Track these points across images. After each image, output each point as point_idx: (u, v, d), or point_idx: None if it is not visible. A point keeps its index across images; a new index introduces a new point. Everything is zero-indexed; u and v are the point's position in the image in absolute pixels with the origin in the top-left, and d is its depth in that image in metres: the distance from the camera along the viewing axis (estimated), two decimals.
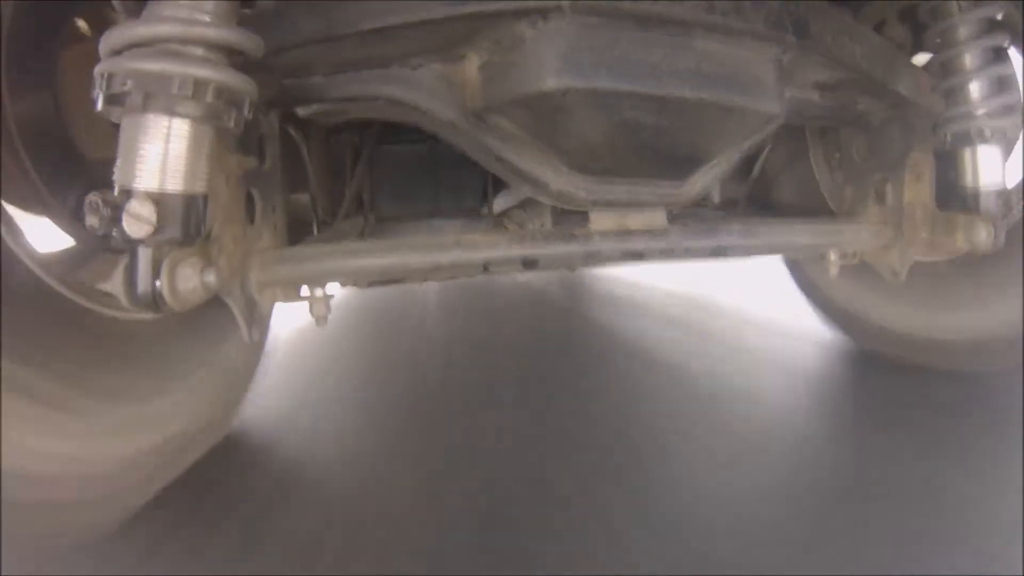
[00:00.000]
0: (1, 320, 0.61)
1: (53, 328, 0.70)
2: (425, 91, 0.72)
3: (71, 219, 0.84)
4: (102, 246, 0.86)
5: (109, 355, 0.77)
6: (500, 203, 1.36)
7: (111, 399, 0.75)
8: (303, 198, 1.23)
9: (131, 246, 0.52)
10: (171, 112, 0.50)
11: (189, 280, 0.54)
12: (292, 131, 1.10)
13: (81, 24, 0.82)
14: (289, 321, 2.13)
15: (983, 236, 0.79)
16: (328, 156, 1.32)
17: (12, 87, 0.77)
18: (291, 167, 1.14)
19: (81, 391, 0.70)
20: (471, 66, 0.70)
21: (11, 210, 0.72)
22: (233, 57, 0.55)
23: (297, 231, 1.20)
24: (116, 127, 0.52)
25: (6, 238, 0.66)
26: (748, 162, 1.32)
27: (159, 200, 0.50)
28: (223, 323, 0.95)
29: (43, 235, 0.80)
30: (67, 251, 0.84)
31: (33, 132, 0.81)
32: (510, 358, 1.61)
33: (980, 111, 0.80)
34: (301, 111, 0.77)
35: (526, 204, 1.28)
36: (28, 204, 0.82)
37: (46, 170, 0.82)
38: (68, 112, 0.84)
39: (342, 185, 1.35)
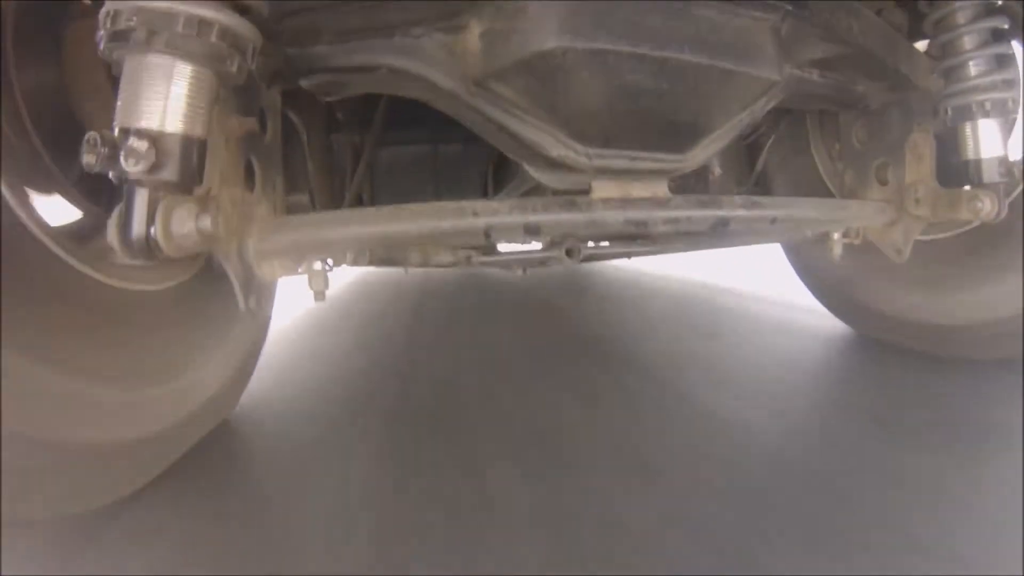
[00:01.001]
0: (7, 292, 0.61)
1: (65, 300, 0.70)
2: (427, 60, 0.73)
3: (78, 193, 0.84)
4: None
5: (119, 326, 0.77)
6: (501, 199, 1.36)
7: (122, 373, 0.75)
8: (303, 198, 1.23)
9: (127, 186, 0.52)
10: (174, 51, 0.50)
11: (184, 224, 0.54)
12: (294, 119, 1.11)
13: (87, 0, 0.83)
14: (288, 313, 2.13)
15: (988, 206, 0.79)
16: (328, 156, 1.33)
17: (19, 62, 0.78)
18: (293, 167, 1.15)
19: (92, 363, 0.70)
20: (473, 34, 0.71)
21: (20, 185, 0.73)
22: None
23: None
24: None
25: (17, 210, 0.67)
26: (750, 158, 1.32)
27: (158, 139, 0.50)
28: (230, 300, 0.94)
29: (52, 208, 0.80)
30: (75, 223, 0.84)
31: (40, 107, 0.82)
32: (511, 351, 1.59)
33: (980, 84, 0.81)
34: (304, 82, 0.77)
35: (529, 196, 1.29)
36: (36, 178, 0.82)
37: (53, 145, 0.82)
38: (75, 88, 0.85)
39: (342, 186, 1.36)
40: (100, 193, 0.87)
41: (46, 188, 0.84)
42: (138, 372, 0.78)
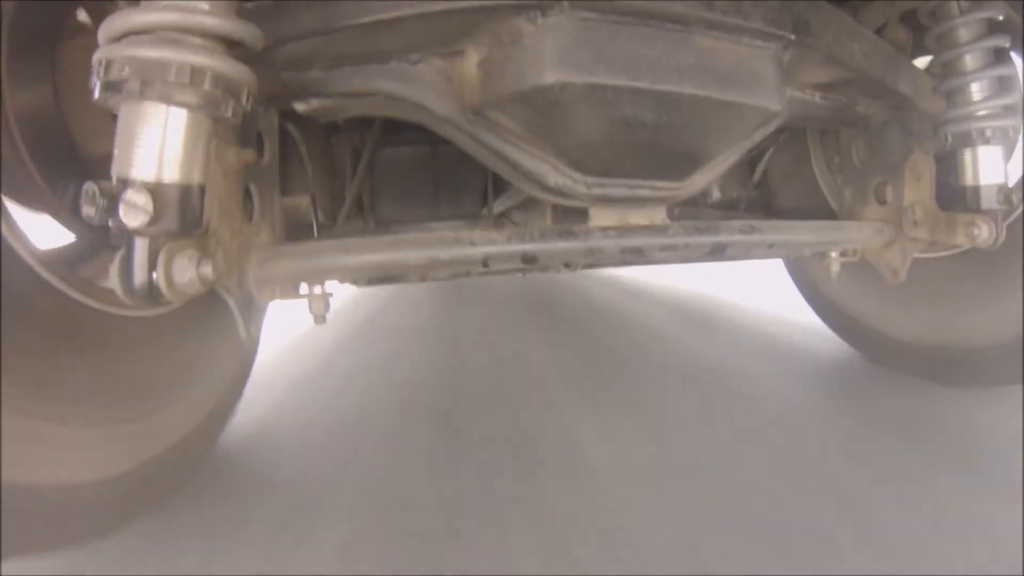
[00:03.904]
0: (1, 318, 0.60)
1: (54, 325, 0.69)
2: (424, 86, 0.72)
3: (70, 215, 0.84)
4: (102, 242, 0.85)
5: (110, 352, 0.76)
6: (500, 205, 1.36)
7: (112, 400, 0.74)
8: (303, 200, 1.22)
9: (127, 236, 0.52)
10: (168, 100, 0.50)
11: (185, 272, 0.54)
12: (292, 130, 1.10)
13: (82, 18, 0.82)
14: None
15: (985, 233, 0.79)
16: (328, 158, 1.32)
17: (12, 81, 0.77)
18: (291, 169, 1.14)
19: (83, 389, 0.70)
20: (470, 61, 0.70)
21: (10, 206, 0.72)
22: (232, 49, 0.55)
23: (297, 234, 1.20)
24: (115, 121, 0.52)
25: (5, 234, 0.66)
26: (750, 166, 1.32)
27: (155, 190, 0.50)
28: (221, 320, 0.94)
29: (42, 231, 0.79)
30: (67, 247, 0.83)
31: (33, 127, 0.80)
32: (520, 354, 1.60)
33: (981, 112, 0.81)
34: (300, 106, 0.77)
35: (526, 205, 1.28)
36: (27, 200, 0.82)
37: (45, 165, 0.81)
38: (68, 107, 0.84)
39: (342, 188, 1.35)
40: None
41: (37, 208, 0.83)
42: (129, 399, 0.77)
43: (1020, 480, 0.79)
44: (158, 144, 0.50)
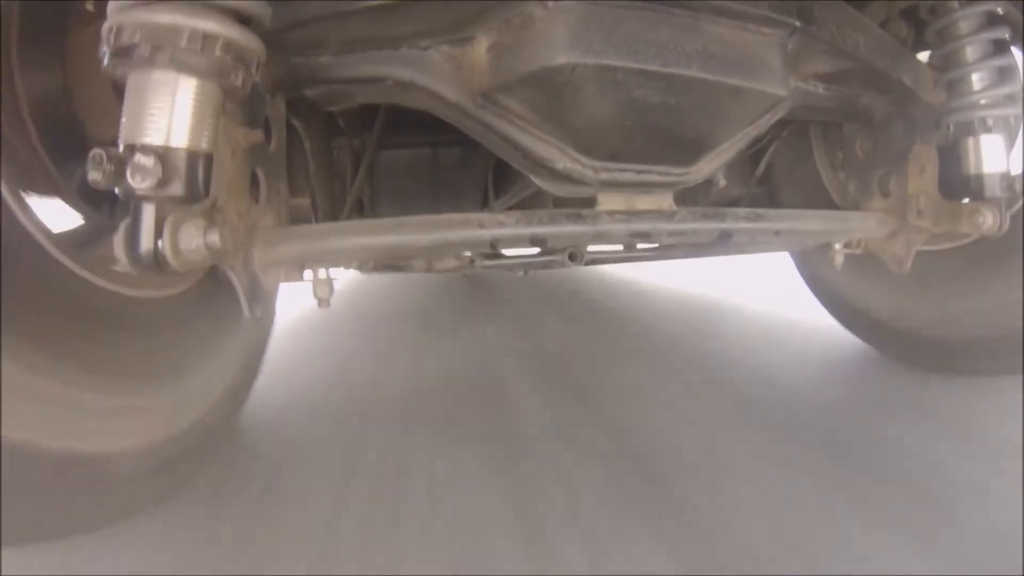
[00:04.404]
0: (16, 298, 0.60)
1: (67, 306, 0.69)
2: (434, 72, 0.72)
3: (80, 198, 0.84)
4: (111, 224, 0.85)
5: (122, 332, 0.76)
6: (500, 205, 1.36)
7: (124, 380, 0.74)
8: (304, 201, 1.23)
9: (134, 204, 0.51)
10: (178, 67, 0.50)
11: (192, 239, 0.53)
12: (296, 124, 1.11)
13: (90, 5, 0.83)
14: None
15: (989, 221, 0.80)
16: (329, 160, 1.33)
17: (23, 68, 0.77)
18: (293, 168, 1.14)
19: (93, 370, 0.70)
20: (480, 47, 0.71)
21: (22, 190, 0.72)
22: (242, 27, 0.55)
23: None
24: (122, 103, 0.52)
25: (17, 214, 0.66)
26: (753, 162, 1.32)
27: (163, 155, 0.50)
28: (232, 303, 0.94)
29: (54, 214, 0.79)
30: (79, 229, 0.83)
31: (43, 112, 0.81)
32: (520, 352, 1.59)
33: (982, 100, 0.81)
34: (308, 92, 0.77)
35: (527, 203, 1.29)
36: (38, 184, 0.82)
37: (55, 149, 0.82)
38: (78, 92, 0.84)
39: (342, 190, 1.35)
40: (102, 198, 0.86)
41: (47, 192, 0.83)
42: (140, 379, 0.77)
43: (1020, 483, 0.78)
44: (167, 110, 0.50)
